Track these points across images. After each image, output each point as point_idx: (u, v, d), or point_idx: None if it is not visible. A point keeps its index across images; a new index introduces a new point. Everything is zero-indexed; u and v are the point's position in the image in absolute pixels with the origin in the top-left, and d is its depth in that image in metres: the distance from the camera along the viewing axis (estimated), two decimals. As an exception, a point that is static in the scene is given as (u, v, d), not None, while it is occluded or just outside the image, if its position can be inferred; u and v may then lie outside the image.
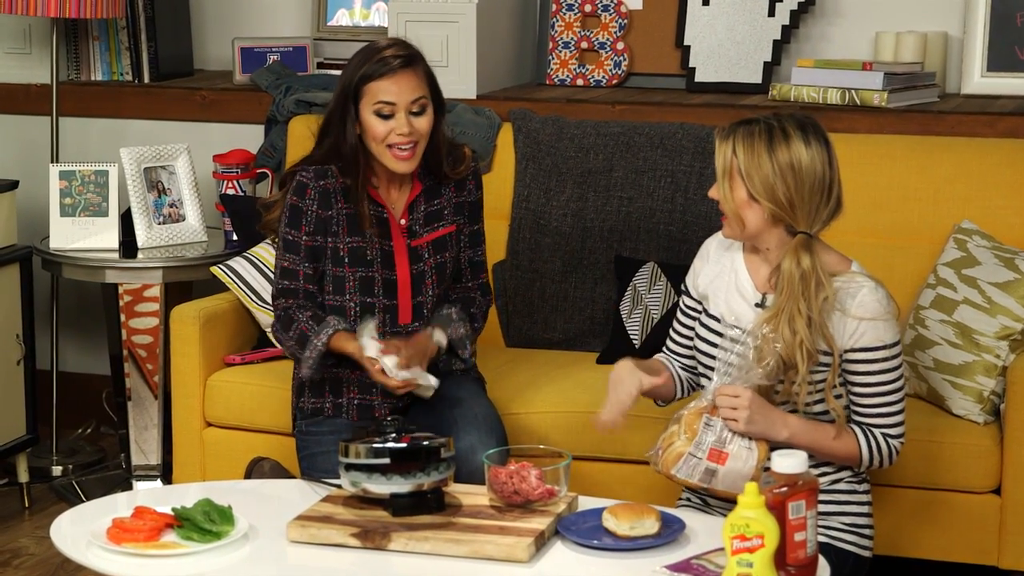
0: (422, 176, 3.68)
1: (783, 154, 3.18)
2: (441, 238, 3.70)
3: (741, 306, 3.30)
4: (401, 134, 3.53)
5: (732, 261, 3.35)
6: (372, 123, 3.54)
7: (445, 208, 3.71)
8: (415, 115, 3.55)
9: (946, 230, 4.09)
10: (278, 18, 5.22)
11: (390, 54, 3.54)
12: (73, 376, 5.21)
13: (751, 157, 3.17)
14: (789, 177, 3.18)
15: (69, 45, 5.14)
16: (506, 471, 3.13)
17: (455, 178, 3.70)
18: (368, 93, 3.54)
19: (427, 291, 3.68)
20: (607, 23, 4.91)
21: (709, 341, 3.34)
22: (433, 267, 3.68)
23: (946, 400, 3.82)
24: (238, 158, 4.69)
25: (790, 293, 3.18)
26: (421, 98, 3.55)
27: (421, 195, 3.68)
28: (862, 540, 3.32)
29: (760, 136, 3.18)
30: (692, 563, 2.92)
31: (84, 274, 4.61)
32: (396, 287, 3.64)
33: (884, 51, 4.63)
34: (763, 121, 3.21)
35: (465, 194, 3.74)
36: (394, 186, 3.67)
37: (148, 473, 4.60)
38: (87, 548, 3.05)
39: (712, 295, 3.36)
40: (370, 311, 3.64)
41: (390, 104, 3.53)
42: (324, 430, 3.67)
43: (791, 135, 3.19)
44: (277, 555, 3.05)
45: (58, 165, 4.66)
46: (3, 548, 4.38)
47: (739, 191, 3.20)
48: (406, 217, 3.67)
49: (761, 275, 3.30)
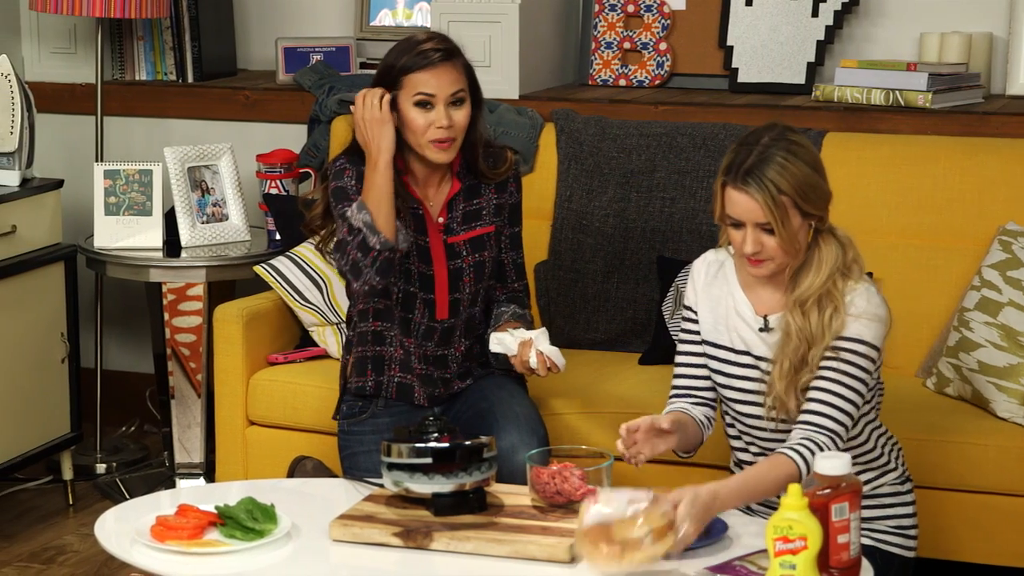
0: (461, 174, 3.68)
1: (809, 152, 3.13)
2: (479, 237, 3.70)
3: (746, 332, 3.24)
4: (440, 126, 3.53)
5: (727, 286, 3.28)
6: (412, 115, 3.54)
7: (484, 208, 3.71)
8: (454, 107, 3.55)
9: (991, 232, 4.06)
10: (321, 18, 5.24)
11: (430, 47, 3.55)
12: (117, 374, 5.24)
13: (794, 177, 3.08)
14: (822, 170, 3.15)
15: (114, 45, 5.17)
16: (548, 471, 3.13)
17: (495, 179, 3.70)
18: (407, 85, 3.55)
19: (464, 288, 3.69)
20: (650, 23, 4.90)
21: (723, 372, 3.27)
22: (471, 265, 3.68)
23: (990, 403, 3.80)
24: (281, 158, 4.71)
25: (789, 349, 3.13)
26: (460, 91, 3.56)
27: (460, 193, 3.68)
28: (907, 541, 3.30)
29: (785, 154, 3.08)
30: (735, 565, 2.91)
31: (128, 273, 4.63)
32: (433, 282, 3.65)
33: (928, 52, 4.61)
34: (763, 143, 3.09)
35: (506, 196, 3.74)
36: (432, 184, 3.67)
37: (191, 471, 4.62)
38: (131, 545, 3.06)
39: (713, 325, 3.28)
40: (410, 300, 3.65)
41: (430, 96, 3.53)
42: (366, 429, 3.68)
43: (792, 134, 3.13)
44: (319, 554, 3.06)
45: (103, 164, 4.68)
46: (48, 545, 4.40)
47: (795, 220, 3.10)
48: (444, 215, 3.67)
49: (761, 297, 3.23)
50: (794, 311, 3.15)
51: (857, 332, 3.13)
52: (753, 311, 3.23)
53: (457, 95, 3.55)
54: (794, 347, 3.14)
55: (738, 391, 3.25)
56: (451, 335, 3.71)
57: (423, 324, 3.68)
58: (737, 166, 3.10)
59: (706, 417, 3.33)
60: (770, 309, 3.22)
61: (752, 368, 3.23)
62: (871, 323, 3.14)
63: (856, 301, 3.14)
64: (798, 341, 3.13)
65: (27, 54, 5.25)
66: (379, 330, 3.70)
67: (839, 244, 3.17)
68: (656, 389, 3.95)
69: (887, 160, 4.21)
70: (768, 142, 3.11)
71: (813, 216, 3.13)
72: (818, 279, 3.14)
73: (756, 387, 3.22)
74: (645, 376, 4.09)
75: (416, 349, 3.70)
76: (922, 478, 3.57)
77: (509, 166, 3.72)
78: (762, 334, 3.22)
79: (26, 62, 5.24)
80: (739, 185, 3.09)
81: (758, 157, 3.09)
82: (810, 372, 3.13)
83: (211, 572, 2.99)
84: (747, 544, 3.01)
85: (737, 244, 3.15)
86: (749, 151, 3.10)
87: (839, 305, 3.13)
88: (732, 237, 3.15)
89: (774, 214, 3.07)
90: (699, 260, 3.35)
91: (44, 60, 5.23)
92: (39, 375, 4.56)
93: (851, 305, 3.14)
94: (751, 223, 3.10)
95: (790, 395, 3.15)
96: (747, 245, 3.12)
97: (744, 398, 3.25)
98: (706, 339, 3.29)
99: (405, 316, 3.68)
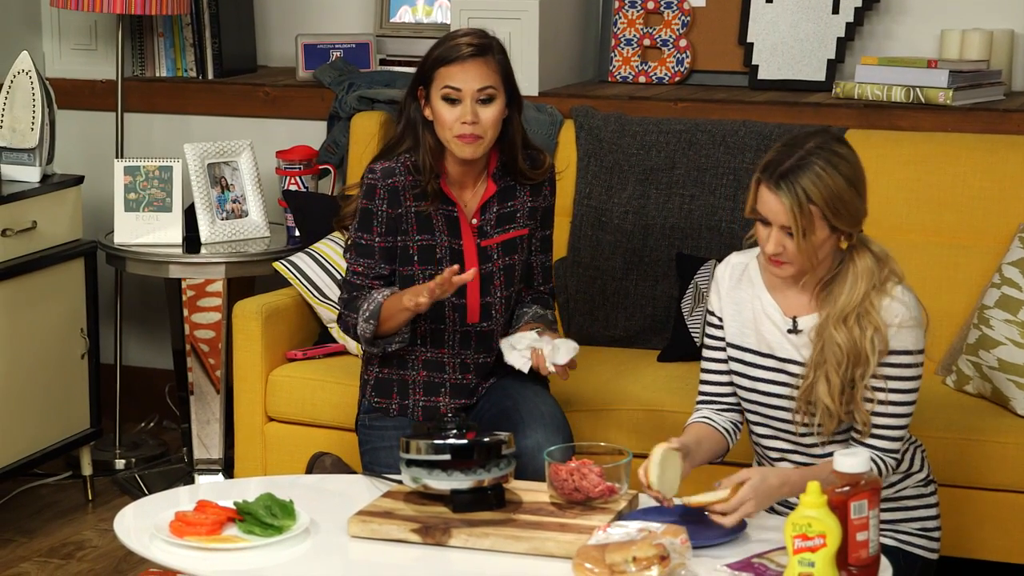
0: (497, 177, 3.65)
1: (851, 167, 3.08)
2: (511, 240, 3.67)
3: (773, 334, 3.22)
4: (466, 122, 3.51)
5: (752, 288, 3.26)
6: (440, 108, 3.53)
7: (519, 211, 3.67)
8: (482, 104, 3.53)
9: (1011, 229, 4.05)
10: (341, 15, 5.24)
11: (464, 41, 3.54)
12: (136, 370, 5.25)
13: (830, 191, 3.05)
14: (862, 188, 3.11)
15: (134, 41, 5.18)
16: (566, 468, 3.13)
17: (534, 180, 3.66)
18: (438, 77, 3.53)
19: (495, 292, 3.66)
20: (670, 20, 4.89)
21: (748, 376, 3.26)
22: (501, 268, 3.66)
23: (1011, 400, 3.79)
24: (301, 154, 4.71)
25: (833, 364, 3.11)
26: (489, 87, 3.53)
27: (495, 196, 3.65)
28: (930, 543, 3.30)
29: (824, 164, 3.05)
30: (753, 562, 2.91)
31: (148, 269, 4.64)
32: (465, 286, 3.62)
33: (949, 49, 4.59)
34: (806, 148, 3.06)
35: (540, 199, 3.70)
36: (468, 186, 3.64)
37: (210, 467, 4.62)
38: (150, 541, 3.06)
39: (739, 329, 3.27)
40: (439, 311, 3.62)
41: (456, 90, 3.51)
42: (388, 425, 3.68)
43: (839, 146, 3.09)
44: (338, 550, 3.06)
45: (123, 161, 4.69)
46: (67, 540, 4.41)
47: (820, 232, 3.08)
48: (478, 217, 3.64)
49: (788, 299, 3.21)
50: (838, 327, 3.12)
51: (902, 343, 3.13)
52: (781, 313, 3.22)
53: (486, 91, 3.52)
54: (841, 365, 3.11)
55: (763, 395, 3.24)
56: (489, 341, 3.68)
57: (457, 332, 3.65)
58: (775, 166, 3.08)
59: (732, 423, 3.33)
60: (798, 311, 3.21)
61: (778, 372, 3.22)
62: (913, 330, 3.13)
63: (893, 312, 3.12)
64: (844, 358, 3.11)
65: (48, 50, 5.26)
66: (401, 353, 3.67)
67: (874, 258, 3.14)
68: (675, 387, 3.96)
69: (907, 158, 4.20)
70: (812, 148, 3.07)
71: (841, 232, 3.10)
72: (855, 294, 3.11)
73: (781, 391, 3.21)
74: (664, 374, 4.09)
75: (451, 359, 3.66)
76: (942, 476, 3.56)
77: (547, 168, 3.70)
78: (790, 336, 3.21)
79: (47, 58, 5.25)
80: (771, 185, 3.08)
81: (797, 162, 3.06)
82: (858, 386, 3.12)
83: (229, 568, 2.99)
84: (765, 541, 3.01)
85: (762, 241, 3.14)
86: (790, 153, 3.08)
87: (879, 325, 3.11)
88: (759, 232, 3.15)
89: (798, 221, 3.05)
90: (722, 264, 3.33)
91: (65, 56, 5.24)
92: (59, 371, 4.57)
93: (891, 316, 3.12)
94: (777, 225, 3.09)
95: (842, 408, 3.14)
96: (769, 244, 3.11)
97: (769, 401, 3.24)
98: (731, 343, 3.28)
99: (436, 328, 3.64)
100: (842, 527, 2.74)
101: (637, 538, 2.86)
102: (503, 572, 2.95)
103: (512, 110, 3.59)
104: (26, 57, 4.52)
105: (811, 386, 3.15)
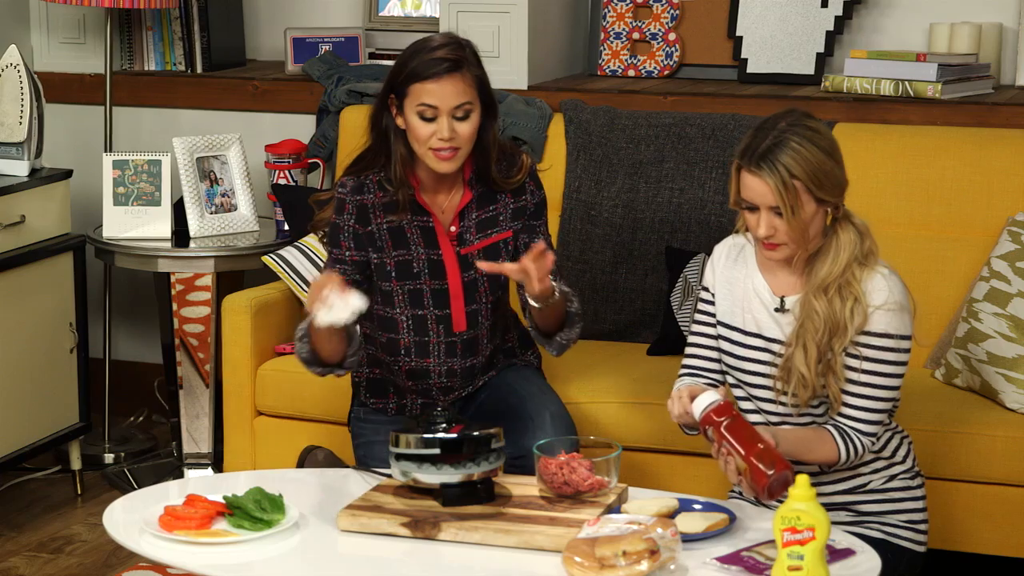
0: (473, 183, 3.59)
1: (825, 139, 3.13)
2: (494, 245, 3.61)
3: (761, 313, 3.25)
4: (442, 138, 3.43)
5: (746, 268, 3.28)
6: (415, 124, 3.45)
7: (501, 214, 3.61)
8: (459, 120, 3.45)
9: (1000, 223, 4.06)
10: (330, 8, 5.23)
11: (439, 56, 3.43)
12: (125, 364, 5.24)
13: (810, 164, 3.09)
14: (839, 157, 3.15)
15: (123, 35, 5.17)
16: (556, 462, 3.13)
17: (507, 187, 3.59)
18: (412, 93, 3.45)
19: (480, 299, 3.61)
20: (659, 14, 4.89)
21: (734, 355, 3.28)
22: (485, 274, 3.57)
23: (999, 394, 3.80)
24: (290, 148, 4.71)
25: (811, 332, 3.15)
26: (466, 103, 3.44)
27: (473, 202, 3.58)
28: (917, 536, 3.30)
29: (800, 140, 3.09)
30: (743, 555, 2.91)
31: (136, 263, 4.64)
32: (448, 296, 3.58)
33: (938, 42, 4.60)
34: (779, 128, 3.11)
35: (525, 198, 3.62)
36: (442, 193, 3.58)
37: (199, 461, 4.62)
38: (139, 535, 3.06)
39: (730, 307, 3.29)
40: (422, 323, 3.59)
41: (432, 108, 3.43)
42: (382, 418, 3.67)
43: (810, 120, 3.14)
44: (327, 544, 3.06)
45: (111, 154, 4.68)
46: (56, 535, 4.41)
47: (808, 206, 3.11)
48: (456, 224, 3.58)
49: (778, 279, 3.24)
50: (817, 296, 3.15)
51: (883, 326, 3.15)
52: (770, 291, 3.24)
53: (463, 107, 3.44)
54: (818, 332, 3.15)
55: (748, 373, 3.27)
56: (476, 345, 3.64)
57: (442, 343, 3.61)
58: (752, 150, 3.12)
59: None
60: (787, 291, 3.23)
61: (763, 351, 3.24)
62: (895, 314, 3.15)
63: (876, 291, 3.15)
64: (822, 326, 3.14)
65: (36, 44, 5.25)
66: (387, 362, 3.64)
67: (856, 231, 3.18)
68: (665, 380, 3.94)
69: (896, 151, 4.21)
70: (785, 127, 3.12)
71: (828, 203, 3.14)
72: (836, 266, 3.16)
73: (766, 370, 3.23)
74: (653, 367, 4.09)
75: (436, 367, 3.62)
76: (930, 469, 3.57)
77: (522, 171, 3.61)
78: (776, 314, 3.23)
79: (35, 52, 5.24)
80: (752, 168, 3.11)
81: (773, 141, 3.10)
82: (835, 358, 3.15)
83: (219, 562, 2.99)
84: (754, 535, 3.01)
85: (752, 227, 3.16)
86: (765, 135, 3.12)
87: (859, 296, 3.14)
88: (748, 221, 3.17)
89: (784, 199, 3.09)
90: (721, 243, 3.37)
91: (53, 50, 5.24)
92: (48, 365, 4.57)
93: (871, 295, 3.15)
94: (764, 207, 3.12)
95: (818, 379, 3.17)
96: (761, 228, 3.13)
97: (754, 381, 3.26)
98: (721, 320, 3.31)
99: (420, 340, 3.61)
100: (738, 451, 2.99)
101: (627, 532, 2.86)
102: (493, 566, 2.96)
103: (487, 119, 3.52)
104: (14, 51, 4.51)
105: (791, 356, 3.18)
